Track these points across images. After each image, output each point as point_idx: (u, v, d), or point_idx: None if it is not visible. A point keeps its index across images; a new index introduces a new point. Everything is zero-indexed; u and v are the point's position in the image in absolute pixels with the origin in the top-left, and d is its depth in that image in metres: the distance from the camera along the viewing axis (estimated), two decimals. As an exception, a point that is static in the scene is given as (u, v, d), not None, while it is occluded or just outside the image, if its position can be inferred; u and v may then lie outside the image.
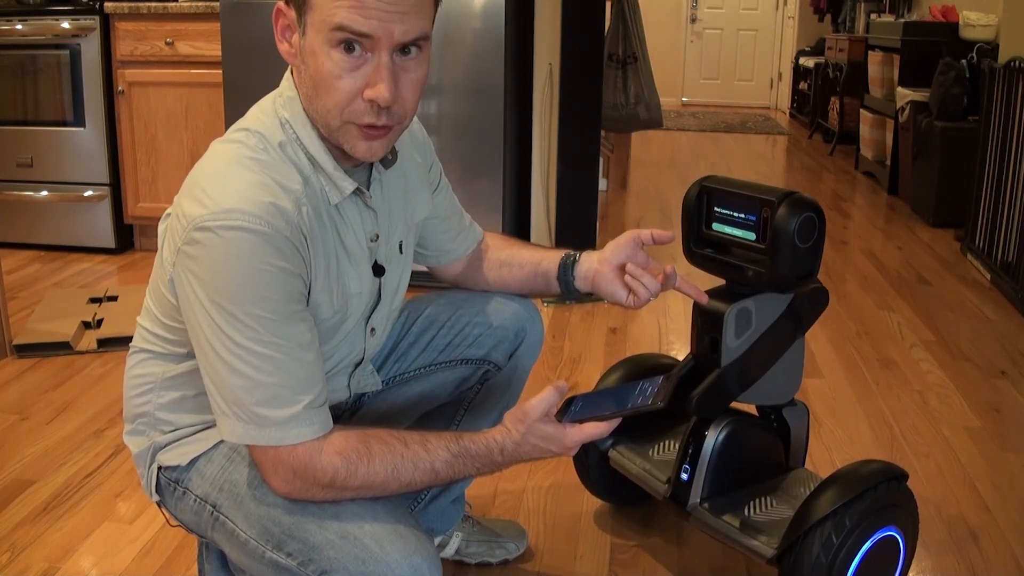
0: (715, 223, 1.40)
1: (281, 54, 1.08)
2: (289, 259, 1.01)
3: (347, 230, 1.13)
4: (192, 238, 0.99)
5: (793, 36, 8.64)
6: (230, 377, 1.00)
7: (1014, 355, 2.62)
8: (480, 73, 2.89)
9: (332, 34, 0.99)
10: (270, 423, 1.00)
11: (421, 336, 1.42)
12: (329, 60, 1.00)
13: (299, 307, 1.03)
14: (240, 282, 0.98)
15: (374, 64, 1.01)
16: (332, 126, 1.05)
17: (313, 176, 1.08)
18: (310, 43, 1.02)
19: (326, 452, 1.02)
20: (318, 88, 1.03)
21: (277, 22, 1.06)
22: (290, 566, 1.03)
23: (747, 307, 1.38)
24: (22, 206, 3.47)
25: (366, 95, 1.02)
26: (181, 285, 1.03)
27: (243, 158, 1.04)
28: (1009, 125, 3.24)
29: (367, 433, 1.06)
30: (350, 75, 1.01)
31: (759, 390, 1.45)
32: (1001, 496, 1.85)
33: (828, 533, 1.29)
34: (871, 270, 3.48)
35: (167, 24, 3.25)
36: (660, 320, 2.88)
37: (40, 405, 2.21)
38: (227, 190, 1.00)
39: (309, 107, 1.07)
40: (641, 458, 1.59)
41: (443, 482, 1.10)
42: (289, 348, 1.00)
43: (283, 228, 1.00)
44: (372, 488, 1.05)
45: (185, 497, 1.16)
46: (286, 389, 1.00)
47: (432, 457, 1.07)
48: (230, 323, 0.99)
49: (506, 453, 1.11)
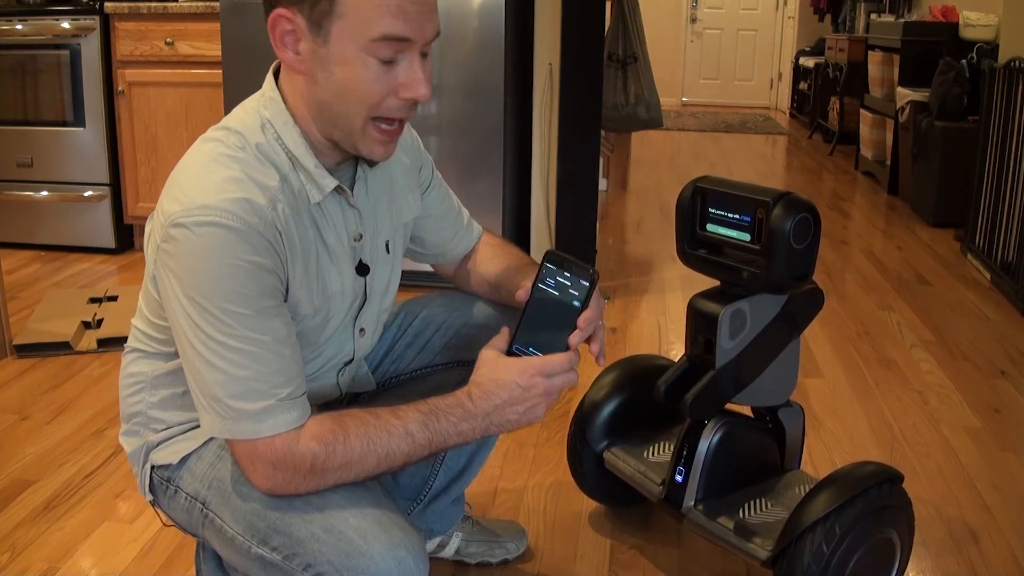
0: (709, 224, 1.40)
1: (283, 61, 1.07)
2: (262, 254, 1.01)
3: (328, 228, 1.13)
4: (168, 235, 1.00)
5: (793, 36, 8.63)
6: (206, 372, 1.01)
7: (1014, 355, 2.62)
8: (480, 73, 2.89)
9: (374, 44, 1.00)
10: (245, 416, 1.01)
11: (417, 337, 1.42)
12: (365, 67, 1.02)
13: (274, 302, 1.03)
14: (213, 277, 0.99)
15: (407, 65, 1.04)
16: (354, 129, 1.06)
17: (292, 174, 1.08)
18: (337, 51, 1.01)
19: (303, 440, 1.02)
20: (344, 94, 1.04)
21: (276, 28, 1.04)
22: (275, 560, 1.04)
23: (742, 308, 1.38)
24: (22, 206, 3.48)
25: (403, 95, 1.04)
26: (162, 282, 1.04)
27: (220, 156, 1.05)
28: (1009, 125, 3.24)
29: (340, 413, 1.06)
30: (385, 77, 1.03)
31: (754, 391, 1.45)
32: (1001, 496, 1.85)
33: (822, 536, 1.29)
34: (871, 270, 3.48)
35: (167, 24, 3.26)
36: (660, 320, 2.88)
37: (40, 405, 2.21)
38: (201, 187, 1.01)
39: (324, 112, 1.06)
40: (636, 460, 1.59)
41: (423, 448, 1.07)
42: (264, 342, 1.01)
43: (256, 224, 1.00)
44: (351, 466, 1.04)
45: (177, 496, 1.16)
46: (261, 383, 1.01)
47: (404, 421, 1.06)
48: (205, 318, 0.99)
49: (476, 400, 1.09)
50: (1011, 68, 3.25)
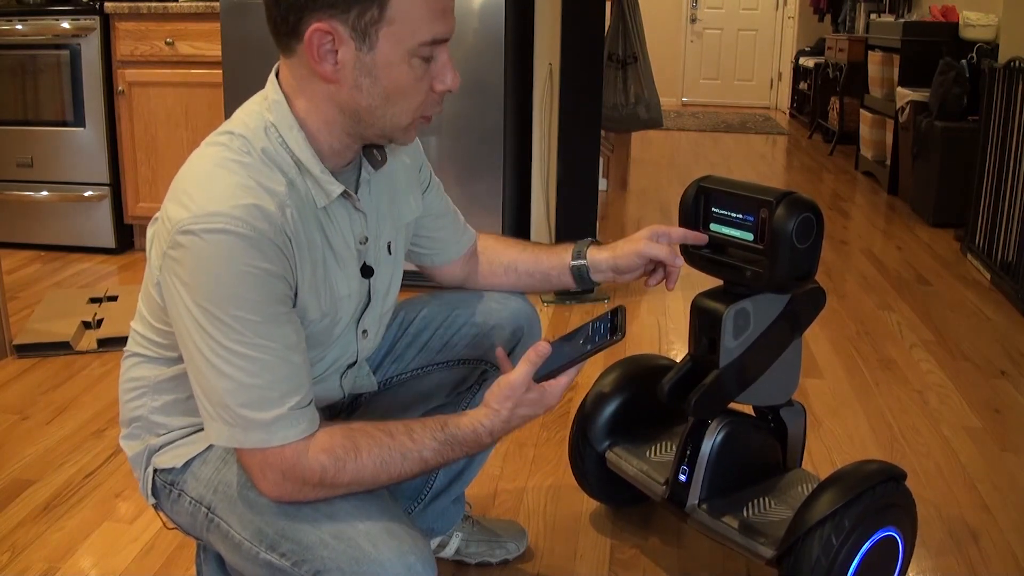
0: (713, 223, 1.40)
1: (320, 74, 1.04)
2: (272, 261, 1.01)
3: (335, 233, 1.13)
4: (176, 242, 0.99)
5: (793, 36, 8.64)
6: (216, 380, 1.00)
7: (1014, 355, 2.62)
8: (480, 73, 2.89)
9: (423, 48, 1.04)
10: (255, 425, 1.00)
11: (418, 337, 1.42)
12: (411, 69, 1.05)
13: (284, 309, 1.03)
14: (224, 284, 0.98)
15: (440, 59, 1.08)
16: (401, 126, 1.10)
17: (299, 179, 1.08)
18: (385, 56, 1.03)
19: (312, 451, 1.02)
20: (392, 97, 1.06)
21: (314, 43, 1.01)
22: (284, 567, 1.03)
23: (745, 308, 1.38)
24: (22, 206, 3.47)
25: (438, 88, 1.09)
26: (168, 289, 1.03)
27: (226, 161, 1.04)
28: (1009, 125, 3.24)
29: (352, 428, 1.06)
30: (425, 75, 1.07)
31: (757, 391, 1.45)
32: (1001, 496, 1.85)
33: (827, 534, 1.29)
34: (871, 270, 3.48)
35: (167, 24, 3.26)
36: (660, 320, 2.88)
37: (40, 405, 2.21)
38: (210, 193, 1.00)
39: (366, 116, 1.07)
40: (638, 459, 1.59)
41: (433, 469, 1.12)
42: (274, 349, 1.00)
43: (266, 230, 1.00)
44: (362, 483, 1.05)
45: (180, 499, 1.15)
46: (271, 391, 1.00)
47: (419, 447, 1.07)
48: (215, 325, 0.99)
49: (495, 433, 1.12)
50: (1011, 68, 3.25)
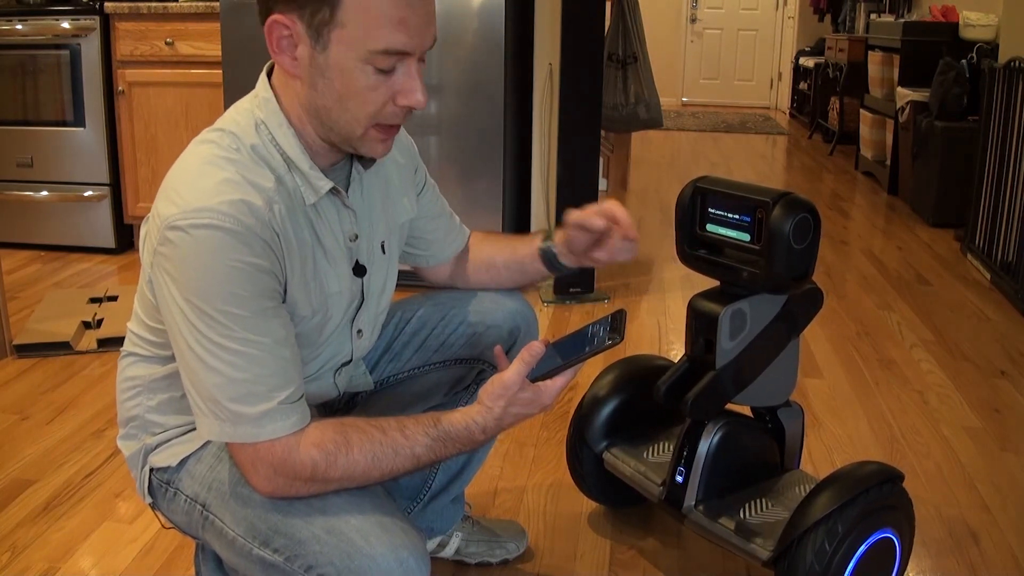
0: (709, 224, 1.40)
1: (280, 66, 1.07)
2: (260, 255, 1.01)
3: (325, 229, 1.13)
4: (165, 238, 1.00)
5: (793, 36, 8.63)
6: (205, 375, 1.01)
7: (1014, 355, 2.62)
8: (480, 73, 2.89)
9: (375, 56, 1.01)
10: (245, 420, 1.01)
11: (415, 336, 1.42)
12: (364, 76, 1.02)
13: (272, 303, 1.03)
14: (212, 279, 0.99)
15: (405, 72, 1.04)
16: (354, 135, 1.07)
17: (288, 176, 1.08)
18: (337, 59, 1.02)
19: (304, 446, 1.02)
20: (344, 101, 1.04)
21: (272, 34, 1.03)
22: (277, 562, 1.04)
23: (742, 308, 1.38)
24: (22, 206, 3.48)
25: (401, 102, 1.05)
26: (158, 285, 1.04)
27: (215, 157, 1.04)
28: (1009, 125, 3.24)
29: (343, 423, 1.06)
30: (384, 86, 1.04)
31: (754, 391, 1.45)
32: (1001, 496, 1.85)
33: (823, 536, 1.29)
34: (871, 270, 3.48)
35: (167, 24, 3.26)
36: (659, 320, 2.88)
37: (40, 405, 2.21)
38: (197, 189, 1.01)
39: (323, 116, 1.06)
40: (635, 460, 1.59)
41: (426, 466, 1.11)
42: (262, 344, 1.01)
43: (253, 225, 1.00)
44: (354, 478, 1.05)
45: (176, 498, 1.16)
46: (260, 385, 1.01)
47: (412, 443, 1.07)
48: (203, 320, 0.99)
49: (488, 431, 1.11)
50: (1011, 68, 3.25)
